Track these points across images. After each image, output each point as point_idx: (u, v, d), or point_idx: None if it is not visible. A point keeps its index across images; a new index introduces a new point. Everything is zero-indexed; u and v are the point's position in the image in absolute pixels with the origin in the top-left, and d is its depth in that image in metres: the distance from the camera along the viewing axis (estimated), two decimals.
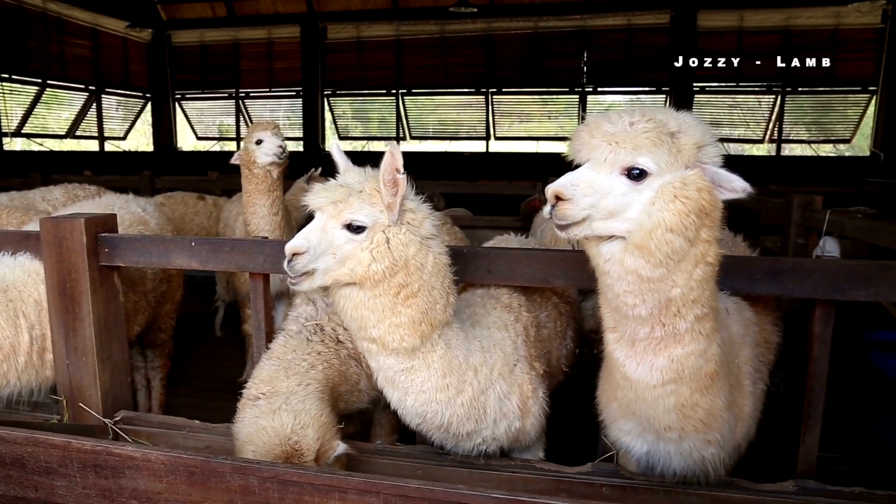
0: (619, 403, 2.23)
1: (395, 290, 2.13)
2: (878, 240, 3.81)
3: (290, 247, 2.11)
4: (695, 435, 2.16)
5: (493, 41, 13.45)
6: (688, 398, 2.06)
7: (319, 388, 2.52)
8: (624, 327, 2.03)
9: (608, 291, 1.99)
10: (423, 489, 1.89)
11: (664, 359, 2.00)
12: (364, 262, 2.09)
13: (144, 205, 3.89)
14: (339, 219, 2.12)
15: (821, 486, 2.52)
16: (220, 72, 15.11)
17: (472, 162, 13.08)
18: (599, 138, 1.90)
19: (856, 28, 12.07)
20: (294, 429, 2.29)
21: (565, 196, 1.86)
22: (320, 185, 2.23)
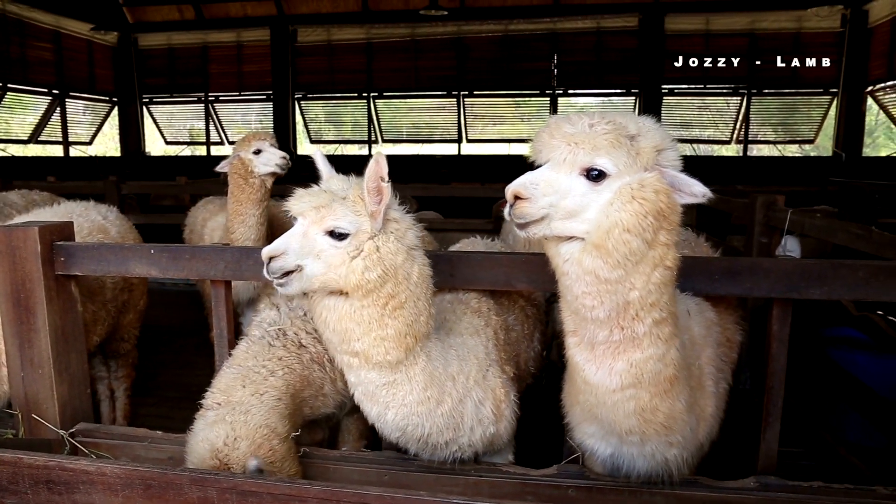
0: (581, 407, 2.24)
1: (383, 301, 2.10)
2: (835, 238, 3.89)
3: (267, 251, 2.07)
4: (656, 438, 2.16)
5: (463, 44, 13.49)
6: (647, 402, 2.06)
7: (277, 395, 2.49)
8: (583, 331, 2.03)
9: (567, 293, 1.99)
10: (383, 496, 1.88)
11: (623, 363, 2.00)
12: (357, 269, 2.06)
13: (105, 212, 3.80)
14: (321, 225, 2.09)
15: (781, 482, 2.56)
16: (189, 75, 14.91)
17: (445, 164, 13.10)
18: (559, 139, 1.90)
19: (817, 32, 12.38)
20: (226, 441, 2.27)
21: (524, 195, 1.86)
22: (302, 191, 2.19)
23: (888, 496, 2.41)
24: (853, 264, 2.42)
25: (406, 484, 2.66)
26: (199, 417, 2.44)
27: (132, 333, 3.98)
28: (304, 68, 14.38)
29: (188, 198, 9.42)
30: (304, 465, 2.78)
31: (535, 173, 1.91)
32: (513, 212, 1.87)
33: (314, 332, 2.74)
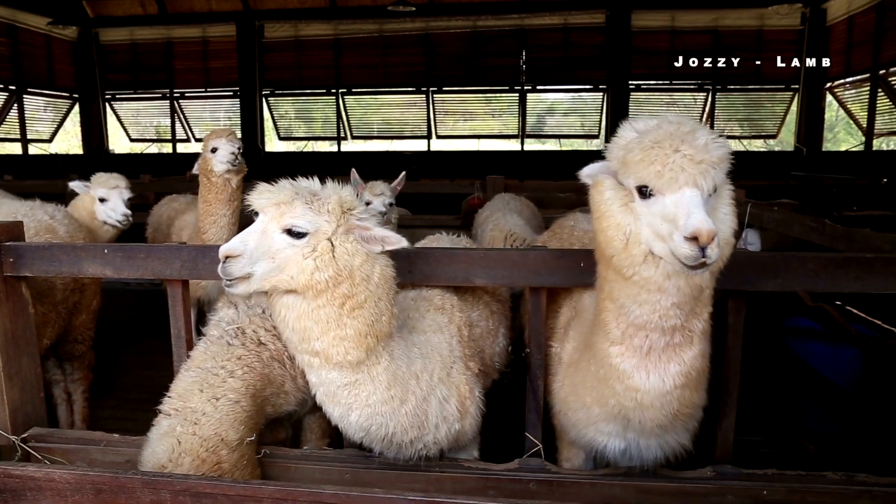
0: (607, 409, 2.23)
1: (339, 301, 2.07)
2: (792, 231, 3.98)
3: (224, 249, 2.02)
4: (681, 427, 2.25)
5: (431, 40, 13.45)
6: (688, 398, 2.13)
7: (234, 398, 2.46)
8: (640, 340, 2.03)
9: (643, 308, 1.96)
10: (338, 495, 1.87)
11: (676, 365, 2.04)
12: (307, 270, 2.02)
13: (52, 211, 3.69)
14: (280, 222, 2.05)
15: (736, 470, 2.61)
16: (153, 71, 14.61)
17: (414, 161, 13.05)
18: (705, 164, 1.83)
19: (778, 29, 12.64)
20: (171, 457, 2.25)
21: (713, 234, 1.79)
22: (265, 186, 2.15)
23: (838, 481, 2.48)
24: (803, 256, 2.48)
25: (368, 482, 2.65)
26: (155, 425, 2.41)
27: (86, 335, 3.87)
28: (272, 64, 14.19)
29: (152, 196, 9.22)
30: (265, 466, 2.75)
31: (698, 206, 1.77)
32: (708, 254, 1.74)
33: (273, 330, 2.71)
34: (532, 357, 2.63)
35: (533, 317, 2.59)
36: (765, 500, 2.51)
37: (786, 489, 2.50)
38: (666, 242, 1.80)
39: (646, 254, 1.87)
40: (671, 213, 1.78)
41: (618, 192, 1.93)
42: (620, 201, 1.92)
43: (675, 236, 1.75)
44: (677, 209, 1.77)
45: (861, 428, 3.54)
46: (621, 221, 1.90)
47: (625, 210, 1.91)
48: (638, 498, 2.54)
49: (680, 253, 1.74)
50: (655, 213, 1.83)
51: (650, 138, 1.86)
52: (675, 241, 1.74)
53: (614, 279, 1.99)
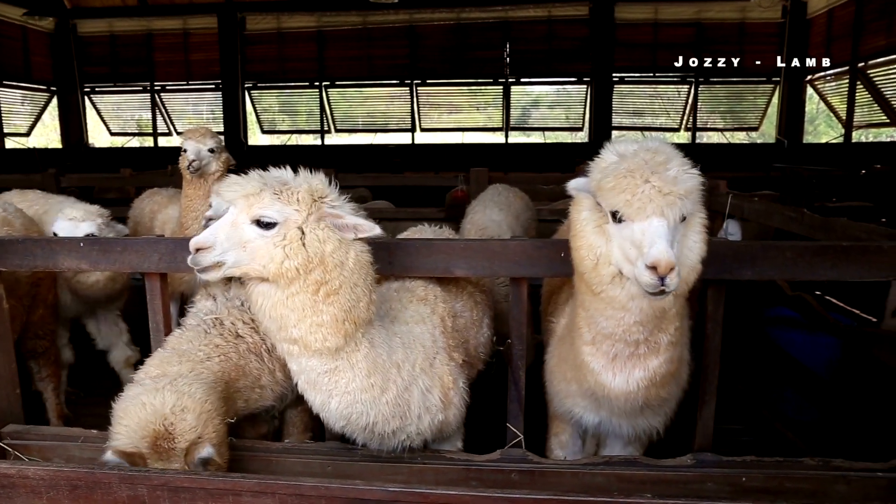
0: (583, 389, 2.36)
1: (313, 288, 2.08)
2: (772, 221, 4.01)
3: (194, 242, 2.06)
4: (650, 413, 2.40)
5: (416, 32, 13.37)
6: (654, 394, 2.25)
7: (213, 378, 2.44)
8: (607, 347, 2.16)
9: (609, 322, 2.09)
10: (318, 487, 1.86)
11: (641, 371, 2.17)
12: (277, 258, 2.04)
13: (4, 204, 3.64)
14: (249, 213, 2.07)
15: (716, 458, 2.65)
16: (133, 64, 14.38)
17: (398, 154, 13.00)
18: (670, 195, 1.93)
19: (759, 22, 12.70)
20: (174, 409, 2.20)
21: (673, 264, 1.90)
22: (234, 178, 2.16)
23: (814, 466, 2.51)
24: (781, 245, 2.50)
25: (350, 474, 2.64)
26: (133, 386, 2.36)
27: (47, 329, 3.76)
28: (254, 57, 14.03)
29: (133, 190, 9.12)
30: (247, 460, 2.74)
31: (662, 236, 1.88)
32: (668, 283, 1.86)
33: (251, 322, 2.70)
34: (513, 348, 2.64)
35: (514, 307, 2.60)
36: (743, 486, 2.54)
37: (764, 476, 2.54)
38: (633, 266, 1.91)
39: (614, 275, 2.00)
40: (638, 239, 1.89)
41: (594, 214, 2.06)
42: (595, 223, 2.05)
43: (638, 263, 1.88)
44: (643, 237, 1.88)
45: (838, 415, 3.59)
46: (593, 242, 2.03)
47: (597, 232, 2.03)
48: (619, 486, 2.56)
49: (641, 280, 1.87)
50: (625, 237, 1.94)
51: (624, 166, 1.95)
52: (638, 268, 1.87)
53: (585, 292, 2.13)
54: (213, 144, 4.17)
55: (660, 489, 2.55)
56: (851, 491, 2.45)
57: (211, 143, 4.15)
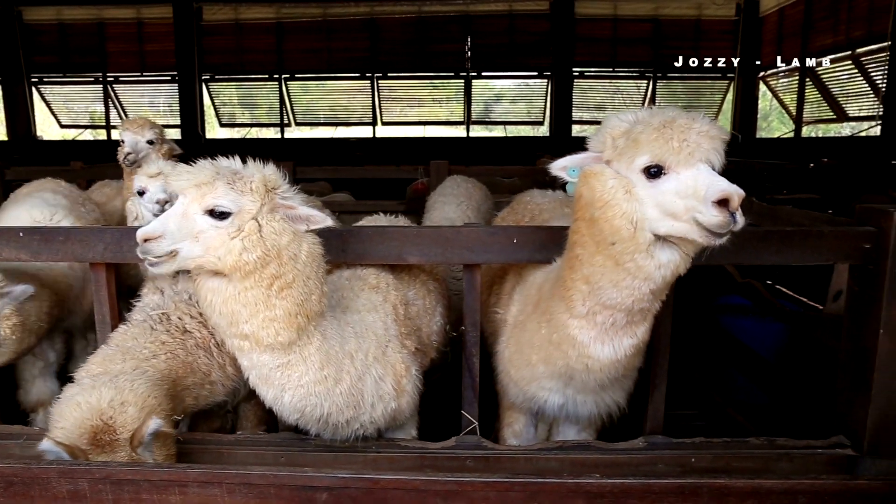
0: (554, 368, 2.36)
1: (267, 282, 2.03)
2: None
3: (142, 233, 1.98)
4: (618, 386, 2.43)
5: (376, 25, 13.27)
6: (630, 363, 2.30)
7: (159, 376, 2.38)
8: (604, 317, 2.13)
9: (621, 292, 2.03)
10: (266, 475, 1.83)
11: (630, 338, 2.19)
12: (234, 250, 1.99)
13: None
14: (202, 203, 2.00)
15: (667, 440, 2.70)
16: (84, 53, 13.90)
17: (359, 147, 12.90)
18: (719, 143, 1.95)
19: (714, 19, 13.01)
20: (112, 404, 2.13)
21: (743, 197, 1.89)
22: (183, 167, 2.10)
23: (759, 445, 2.59)
24: None
25: (303, 464, 2.61)
26: (72, 387, 2.29)
27: None
28: (212, 48, 13.72)
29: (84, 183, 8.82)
30: (197, 453, 2.68)
31: (717, 176, 1.86)
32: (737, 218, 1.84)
33: (199, 317, 2.64)
34: (467, 334, 2.65)
35: (467, 294, 2.60)
36: (693, 467, 2.60)
37: (712, 456, 2.60)
38: (679, 218, 1.85)
39: (649, 241, 1.93)
40: (689, 187, 1.83)
41: (619, 181, 1.95)
42: (623, 188, 1.95)
43: (700, 206, 1.80)
44: (696, 182, 1.82)
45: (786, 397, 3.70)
46: (628, 209, 1.92)
47: (629, 198, 1.93)
48: (573, 470, 2.59)
49: (710, 221, 1.80)
50: (668, 190, 1.87)
51: (659, 119, 1.91)
52: (703, 211, 1.80)
53: (601, 263, 2.02)
54: (153, 136, 4.05)
55: (612, 471, 2.58)
56: (794, 467, 2.53)
57: (150, 135, 4.02)
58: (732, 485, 1.80)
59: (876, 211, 2.45)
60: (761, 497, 1.79)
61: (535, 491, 1.80)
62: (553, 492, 1.79)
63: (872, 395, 2.47)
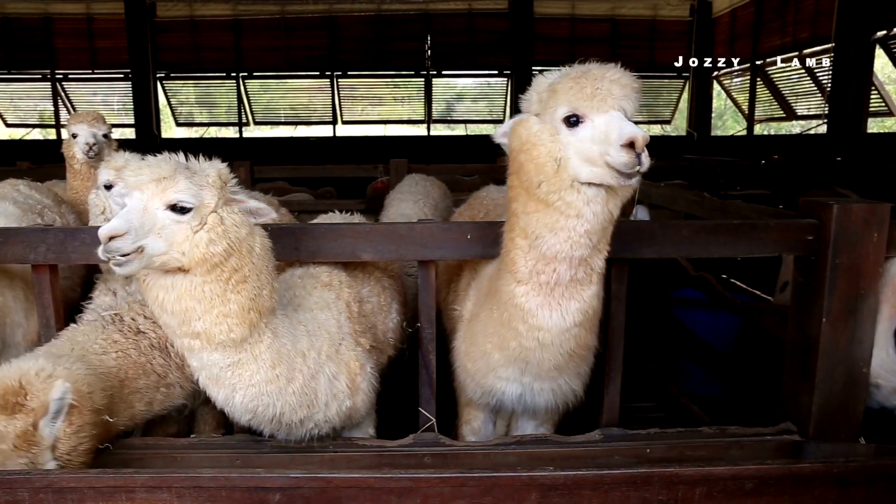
0: (508, 353, 2.35)
1: (227, 276, 2.02)
2: (677, 205, 4.20)
3: (107, 230, 1.90)
4: (573, 370, 2.41)
5: (336, 23, 13.15)
6: (583, 338, 2.28)
7: (104, 370, 2.32)
8: (547, 275, 2.13)
9: (557, 236, 2.06)
10: (217, 478, 1.80)
11: (577, 302, 2.18)
12: (201, 243, 1.97)
13: None
14: (162, 198, 1.97)
15: (622, 432, 2.74)
16: (30, 50, 13.40)
17: (320, 147, 12.78)
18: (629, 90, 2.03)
19: (669, 20, 13.30)
20: (39, 373, 2.09)
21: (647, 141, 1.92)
22: (141, 161, 2.06)
23: (711, 434, 2.65)
24: (678, 224, 2.62)
25: (259, 466, 2.57)
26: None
27: None
28: (166, 45, 13.39)
29: None
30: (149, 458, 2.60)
31: (627, 122, 1.94)
32: (643, 160, 1.89)
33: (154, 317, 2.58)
34: (423, 331, 2.64)
35: (422, 290, 2.60)
36: (648, 457, 2.64)
37: (666, 446, 2.65)
38: (596, 164, 1.94)
39: (572, 180, 2.00)
40: (602, 132, 1.94)
41: (544, 126, 2.06)
42: (548, 132, 2.04)
43: (610, 150, 1.89)
44: (608, 127, 1.93)
45: (738, 387, 3.80)
46: (552, 148, 2.02)
47: (553, 139, 2.03)
48: (530, 464, 2.60)
49: (618, 161, 1.88)
50: (585, 137, 1.97)
51: (576, 71, 2.05)
52: (612, 154, 1.89)
53: (534, 210, 2.09)
54: (106, 130, 3.95)
55: (569, 464, 2.60)
56: (745, 454, 2.59)
57: (104, 129, 3.92)
58: (682, 473, 1.84)
59: (817, 204, 2.53)
60: (710, 483, 1.83)
61: (490, 485, 1.80)
62: (507, 486, 1.80)
63: (817, 382, 2.55)
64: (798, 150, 10.14)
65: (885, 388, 2.72)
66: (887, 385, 2.69)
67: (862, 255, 2.47)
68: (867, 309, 2.51)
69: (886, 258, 2.54)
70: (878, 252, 2.47)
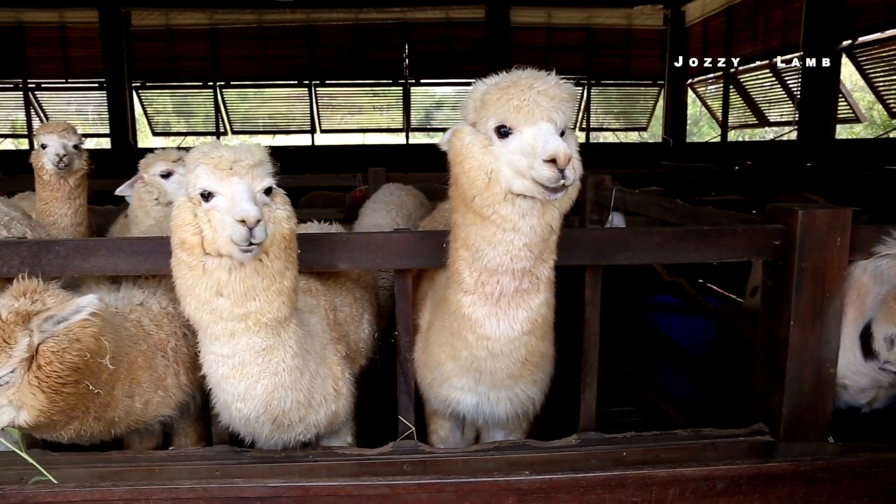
0: (460, 363, 2.34)
1: (287, 252, 2.11)
2: (650, 212, 4.26)
3: (253, 214, 1.88)
4: (528, 377, 2.39)
5: (314, 32, 13.16)
6: (534, 346, 2.27)
7: (124, 341, 2.35)
8: (492, 286, 2.13)
9: (496, 250, 2.06)
10: (195, 489, 1.80)
11: (524, 311, 2.17)
12: (283, 220, 2.07)
13: None
14: (260, 182, 2.03)
15: (599, 436, 2.78)
16: (2, 59, 13.21)
17: (298, 156, 12.75)
18: (556, 100, 1.96)
19: (644, 29, 13.53)
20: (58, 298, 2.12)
21: (571, 156, 1.88)
22: (227, 148, 2.05)
23: (686, 437, 2.70)
24: (650, 231, 2.67)
25: (239, 476, 2.56)
26: None
27: None
28: (142, 54, 13.29)
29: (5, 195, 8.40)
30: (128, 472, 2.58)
31: (552, 135, 1.92)
32: (567, 175, 1.86)
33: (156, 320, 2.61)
34: (400, 339, 2.66)
35: (399, 299, 2.62)
36: (624, 460, 2.68)
37: (642, 449, 2.69)
38: (525, 176, 1.93)
39: (505, 192, 1.99)
40: (530, 144, 1.91)
41: (477, 137, 2.04)
42: (480, 144, 2.03)
43: (535, 164, 1.88)
44: (535, 140, 1.91)
45: (713, 389, 3.87)
46: (483, 161, 2.00)
47: (485, 151, 2.02)
48: (509, 470, 2.63)
49: (542, 176, 1.87)
50: (514, 149, 1.95)
51: (507, 80, 2.02)
52: (536, 169, 1.87)
53: (472, 222, 2.09)
54: (77, 140, 3.89)
55: (547, 469, 2.63)
56: (719, 455, 2.64)
57: (75, 139, 3.87)
58: (655, 475, 1.88)
59: (783, 209, 2.61)
60: (682, 484, 1.88)
61: (468, 491, 1.83)
62: (485, 491, 1.83)
63: (786, 383, 2.61)
64: (770, 155, 10.36)
65: (852, 388, 2.80)
66: (854, 385, 2.77)
67: (826, 258, 2.54)
68: (833, 311, 2.59)
69: (850, 261, 2.61)
70: (841, 256, 2.55)
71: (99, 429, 2.32)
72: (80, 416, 2.17)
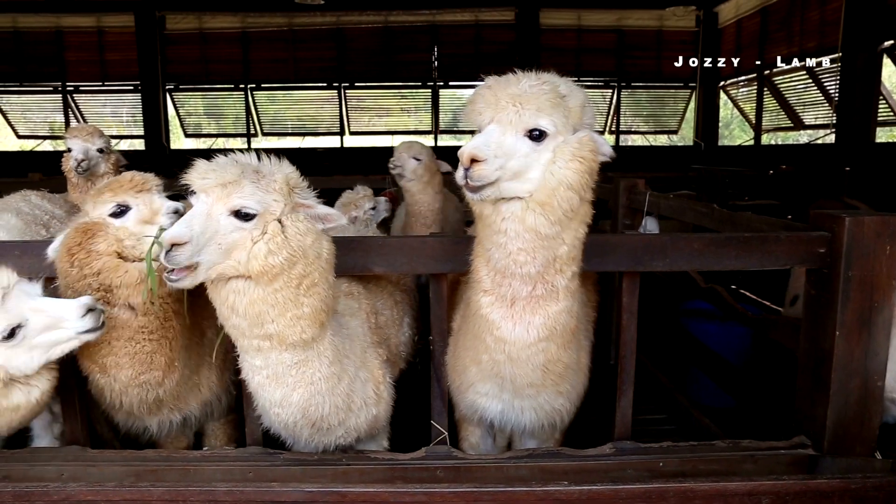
0: (482, 367, 2.33)
1: (296, 282, 1.99)
2: (685, 217, 4.19)
3: (170, 236, 1.84)
4: (552, 387, 2.34)
5: (343, 35, 13.25)
6: (554, 354, 2.22)
7: None
8: (505, 288, 2.12)
9: (498, 252, 2.06)
10: (232, 492, 1.80)
11: (540, 317, 2.14)
12: (259, 254, 1.92)
13: None
14: (227, 203, 1.92)
15: (635, 445, 2.72)
16: (42, 63, 13.56)
17: (327, 158, 12.84)
18: (506, 100, 1.95)
19: (676, 30, 13.32)
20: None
21: (480, 157, 1.88)
22: (206, 164, 2.01)
23: (725, 448, 2.63)
24: (689, 237, 2.62)
25: (272, 479, 2.56)
26: None
27: None
28: (175, 58, 13.54)
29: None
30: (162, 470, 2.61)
31: (486, 136, 1.93)
32: (470, 175, 1.88)
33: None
34: (435, 344, 2.64)
35: (434, 304, 2.60)
36: (661, 471, 2.62)
37: (679, 459, 2.63)
38: None
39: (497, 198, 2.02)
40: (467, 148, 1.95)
41: None
42: None
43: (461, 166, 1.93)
44: (474, 142, 1.94)
45: (750, 399, 3.78)
46: None
47: None
48: (542, 477, 2.59)
49: (457, 176, 1.93)
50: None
51: (486, 84, 2.06)
52: (459, 169, 1.93)
53: (481, 228, 2.14)
54: (102, 144, 3.97)
55: (581, 478, 2.59)
56: (758, 468, 2.57)
57: (100, 143, 3.95)
58: (698, 488, 1.84)
59: (829, 216, 2.53)
60: (726, 499, 1.83)
61: (504, 500, 1.80)
62: (522, 500, 1.80)
63: (831, 395, 2.53)
64: (806, 159, 10.12)
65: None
66: None
67: (875, 267, 2.46)
68: (882, 322, 2.50)
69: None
70: (891, 264, 2.46)
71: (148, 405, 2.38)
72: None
